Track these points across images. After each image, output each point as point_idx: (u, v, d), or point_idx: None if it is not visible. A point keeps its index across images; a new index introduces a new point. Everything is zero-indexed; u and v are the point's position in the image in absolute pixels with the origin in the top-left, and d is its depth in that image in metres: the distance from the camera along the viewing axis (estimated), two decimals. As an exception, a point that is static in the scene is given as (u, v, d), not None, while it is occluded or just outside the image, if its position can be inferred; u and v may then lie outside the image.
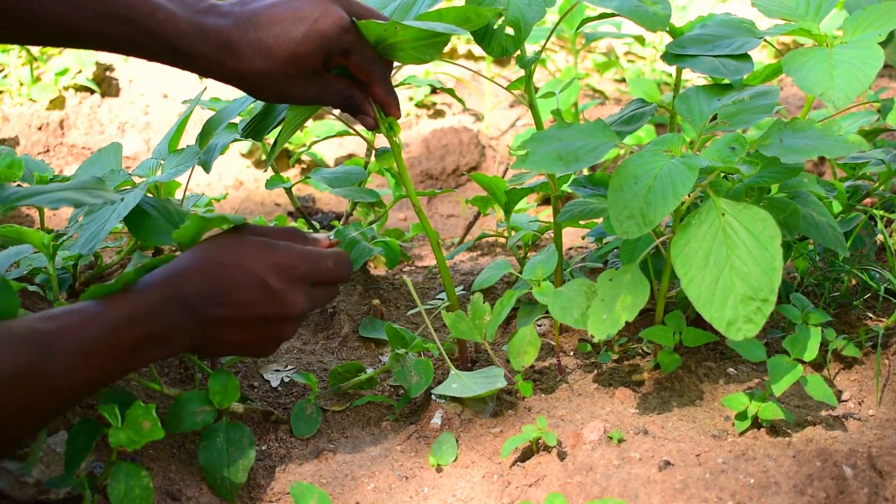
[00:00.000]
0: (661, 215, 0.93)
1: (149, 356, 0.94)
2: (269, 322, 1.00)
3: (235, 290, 0.98)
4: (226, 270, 0.98)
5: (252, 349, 1.02)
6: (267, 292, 0.99)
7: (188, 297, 0.96)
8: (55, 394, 0.86)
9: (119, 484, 0.94)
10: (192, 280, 0.97)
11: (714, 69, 1.12)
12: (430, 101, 2.38)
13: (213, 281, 0.98)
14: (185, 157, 1.18)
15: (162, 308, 0.94)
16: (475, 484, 1.04)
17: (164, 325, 0.94)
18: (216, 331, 0.98)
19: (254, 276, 0.99)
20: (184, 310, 0.96)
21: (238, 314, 0.98)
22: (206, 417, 1.06)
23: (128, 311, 0.92)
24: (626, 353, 1.24)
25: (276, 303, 0.99)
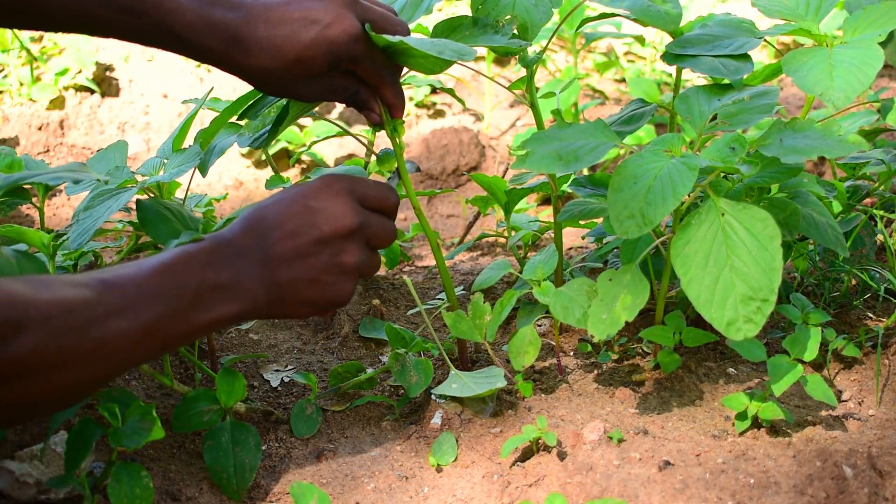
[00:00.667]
0: (661, 215, 0.93)
1: (221, 308, 0.92)
2: (326, 244, 0.97)
3: (282, 223, 0.97)
4: (269, 209, 0.98)
5: (325, 287, 0.98)
6: (312, 212, 0.98)
7: (243, 245, 0.95)
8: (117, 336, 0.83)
9: (119, 484, 0.94)
10: (241, 231, 0.97)
11: (714, 69, 1.12)
12: (430, 101, 2.38)
13: (261, 222, 0.97)
14: (187, 158, 1.18)
15: (221, 258, 0.93)
16: (475, 484, 1.04)
17: (226, 273, 0.93)
18: (280, 271, 0.96)
19: (295, 202, 0.98)
20: (242, 256, 0.94)
21: (293, 245, 0.96)
22: (212, 416, 1.06)
23: (186, 260, 0.91)
24: (626, 353, 1.24)
25: (325, 219, 0.98)
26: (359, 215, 1.00)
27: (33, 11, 0.95)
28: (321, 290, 0.98)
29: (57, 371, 0.80)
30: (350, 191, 1.01)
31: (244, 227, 0.97)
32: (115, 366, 0.85)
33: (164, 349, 0.91)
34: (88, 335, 0.81)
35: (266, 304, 0.96)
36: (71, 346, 0.80)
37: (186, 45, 0.99)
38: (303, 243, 0.97)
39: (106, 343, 0.83)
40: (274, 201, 0.99)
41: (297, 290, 0.97)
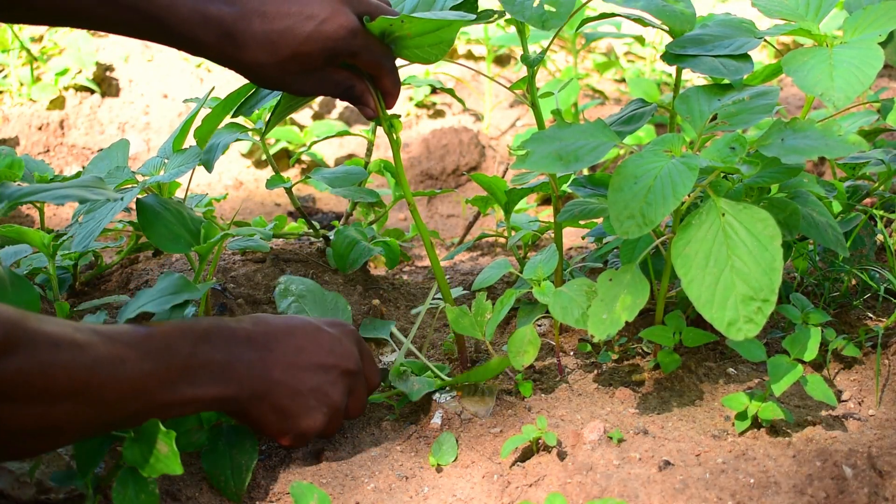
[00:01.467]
0: (661, 215, 0.93)
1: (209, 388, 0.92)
2: (325, 371, 1.00)
3: (293, 333, 1.00)
4: (283, 319, 1.02)
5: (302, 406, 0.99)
6: (325, 338, 1.02)
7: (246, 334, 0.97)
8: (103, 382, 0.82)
9: (125, 489, 0.93)
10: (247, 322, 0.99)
11: (714, 69, 1.12)
12: (430, 101, 2.38)
13: (270, 324, 1.00)
14: (187, 158, 1.18)
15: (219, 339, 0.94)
16: (475, 484, 1.04)
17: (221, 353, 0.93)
18: (273, 369, 0.97)
19: (310, 324, 1.02)
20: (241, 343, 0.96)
21: (294, 354, 0.99)
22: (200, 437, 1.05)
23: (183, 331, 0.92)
24: (626, 353, 1.24)
25: (333, 350, 1.02)
26: (359, 363, 1.05)
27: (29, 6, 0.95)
28: (300, 407, 0.99)
29: (39, 403, 0.78)
30: (358, 341, 1.07)
31: (254, 321, 1.00)
32: (97, 416, 0.84)
33: (146, 415, 0.90)
34: (75, 374, 0.80)
35: (248, 397, 0.96)
36: (56, 379, 0.79)
37: (181, 40, 0.99)
38: (305, 358, 1.00)
39: (90, 387, 0.81)
40: (290, 317, 1.03)
41: (281, 394, 0.98)
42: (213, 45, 0.98)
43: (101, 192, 1.01)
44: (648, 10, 1.12)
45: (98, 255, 1.45)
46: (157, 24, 0.97)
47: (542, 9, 1.06)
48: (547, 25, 1.05)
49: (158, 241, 1.09)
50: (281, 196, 2.11)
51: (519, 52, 2.61)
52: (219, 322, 0.96)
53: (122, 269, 1.46)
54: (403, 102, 2.37)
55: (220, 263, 1.45)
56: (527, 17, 1.06)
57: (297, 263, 1.49)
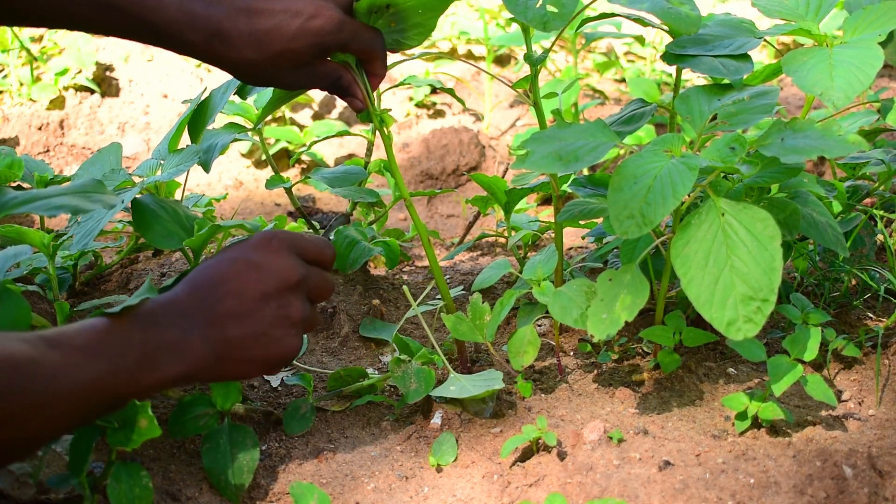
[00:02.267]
0: (661, 215, 0.93)
1: (169, 368, 0.91)
2: (272, 297, 0.97)
3: (226, 280, 0.97)
4: (210, 269, 0.98)
5: (273, 342, 0.98)
6: (255, 268, 0.98)
7: (187, 305, 0.95)
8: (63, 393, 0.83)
9: (119, 484, 0.94)
10: (184, 292, 0.96)
11: (714, 69, 1.12)
12: (430, 101, 2.38)
13: (204, 282, 0.97)
14: (184, 157, 1.18)
15: (166, 318, 0.93)
16: (475, 484, 1.04)
17: (172, 332, 0.92)
18: (227, 328, 0.95)
19: (236, 260, 0.98)
20: (187, 317, 0.94)
21: (238, 301, 0.96)
22: (209, 421, 1.06)
23: (130, 320, 0.91)
24: (626, 353, 1.24)
25: (268, 273, 0.98)
26: (300, 268, 1.00)
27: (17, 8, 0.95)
28: (269, 345, 0.98)
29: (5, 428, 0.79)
30: (290, 246, 1.01)
31: (187, 288, 0.97)
32: (61, 423, 0.85)
33: (114, 407, 0.90)
34: (34, 392, 0.81)
35: (214, 363, 0.95)
36: (16, 402, 0.80)
37: (169, 41, 0.99)
38: (249, 299, 0.96)
39: (51, 401, 0.82)
40: (215, 262, 0.99)
41: (245, 346, 0.96)
42: (202, 45, 0.99)
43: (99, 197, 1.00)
44: (654, 13, 1.12)
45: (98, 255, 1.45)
46: (145, 25, 0.97)
47: (544, 9, 1.05)
48: (548, 27, 1.05)
49: (152, 239, 1.09)
50: (281, 196, 2.11)
51: (519, 53, 2.61)
52: (161, 302, 0.95)
53: (122, 269, 1.46)
54: (403, 102, 2.37)
55: (219, 263, 1.45)
56: (529, 17, 1.06)
57: (297, 263, 1.49)
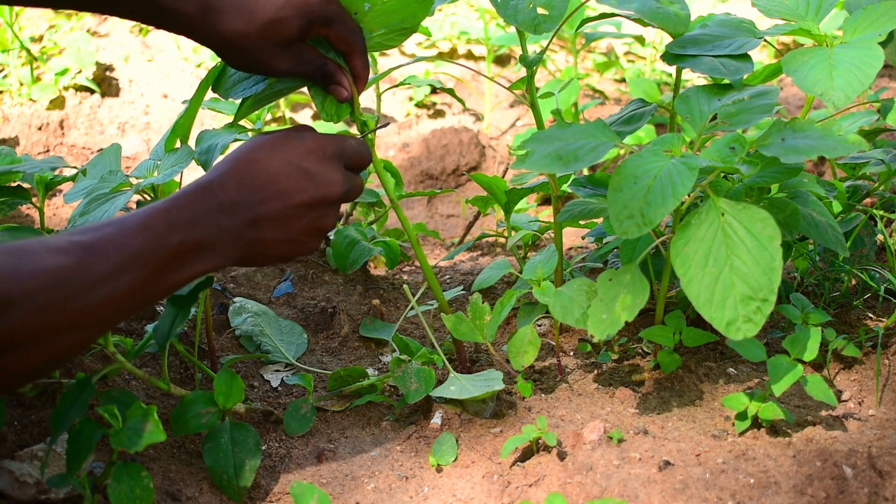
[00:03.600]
0: (661, 215, 0.93)
1: (197, 267, 0.92)
2: (313, 208, 0.99)
3: (275, 181, 0.98)
4: (261, 165, 0.98)
5: (299, 245, 1.00)
6: (307, 176, 0.99)
7: (230, 200, 0.95)
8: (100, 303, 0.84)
9: (119, 484, 0.94)
10: (230, 183, 0.96)
11: (714, 69, 1.12)
12: (430, 101, 2.38)
13: (253, 178, 0.97)
14: (179, 157, 1.18)
15: (204, 215, 0.93)
16: (475, 484, 1.04)
17: (208, 231, 0.93)
18: (263, 230, 0.97)
19: (290, 164, 0.99)
20: (227, 213, 0.95)
21: (283, 206, 0.98)
22: (210, 419, 1.06)
23: (168, 219, 0.91)
24: (626, 353, 1.24)
25: (318, 184, 1.00)
26: (346, 184, 1.02)
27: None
28: (294, 247, 1.00)
29: (43, 343, 0.81)
30: (339, 155, 1.02)
31: (234, 178, 0.97)
32: (98, 330, 0.86)
33: (141, 308, 0.92)
34: (73, 305, 0.82)
35: (239, 259, 0.97)
36: (56, 318, 0.81)
37: (162, 12, 0.99)
38: (292, 205, 0.98)
39: (89, 311, 0.84)
40: (266, 156, 0.99)
41: (274, 247, 0.99)
42: (194, 16, 0.99)
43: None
44: (642, 13, 1.12)
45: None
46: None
47: (534, 12, 1.05)
48: (539, 29, 1.05)
49: None
50: (281, 196, 2.10)
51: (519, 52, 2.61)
52: (202, 192, 0.95)
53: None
54: (403, 102, 2.37)
55: (219, 263, 1.45)
56: (519, 20, 1.06)
57: (297, 263, 1.49)
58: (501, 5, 1.06)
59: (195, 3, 0.99)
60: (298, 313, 1.38)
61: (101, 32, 2.54)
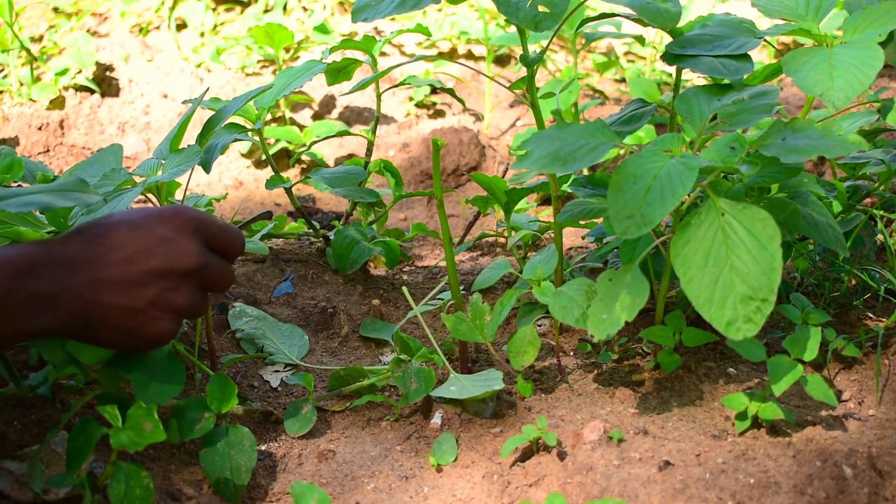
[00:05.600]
0: (661, 215, 0.93)
1: (35, 320, 0.87)
2: (161, 277, 0.93)
3: (121, 243, 0.92)
4: (110, 226, 0.93)
5: (147, 321, 0.93)
6: (157, 242, 0.93)
7: (71, 256, 0.90)
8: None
9: (119, 484, 0.94)
10: (74, 239, 0.92)
11: (714, 69, 1.12)
12: (430, 101, 2.38)
13: (98, 237, 0.92)
14: (185, 157, 1.17)
15: (44, 266, 0.88)
16: (475, 484, 1.04)
17: (45, 283, 0.88)
18: (105, 293, 0.90)
19: (140, 227, 0.93)
20: (68, 268, 0.89)
21: (127, 269, 0.91)
22: (205, 424, 1.05)
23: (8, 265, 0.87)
24: (626, 353, 1.24)
25: (168, 252, 0.93)
26: (202, 257, 0.96)
27: None
28: (142, 323, 0.93)
29: None
30: (198, 228, 0.97)
31: (79, 239, 0.92)
32: None
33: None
34: None
35: (81, 325, 0.91)
36: None
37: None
38: (137, 271, 0.92)
39: None
40: (118, 220, 0.94)
41: (117, 317, 0.92)
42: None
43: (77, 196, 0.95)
44: (633, 8, 1.12)
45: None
46: None
47: (535, 10, 1.05)
48: (540, 27, 1.05)
49: None
50: (281, 196, 2.11)
51: (519, 52, 2.61)
52: (41, 248, 0.90)
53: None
54: (403, 102, 2.37)
55: (219, 263, 1.45)
56: (520, 18, 1.06)
57: (297, 263, 1.49)
58: (502, 3, 1.06)
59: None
60: (298, 313, 1.38)
61: (101, 32, 2.54)
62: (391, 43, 2.55)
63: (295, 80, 1.38)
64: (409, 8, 1.09)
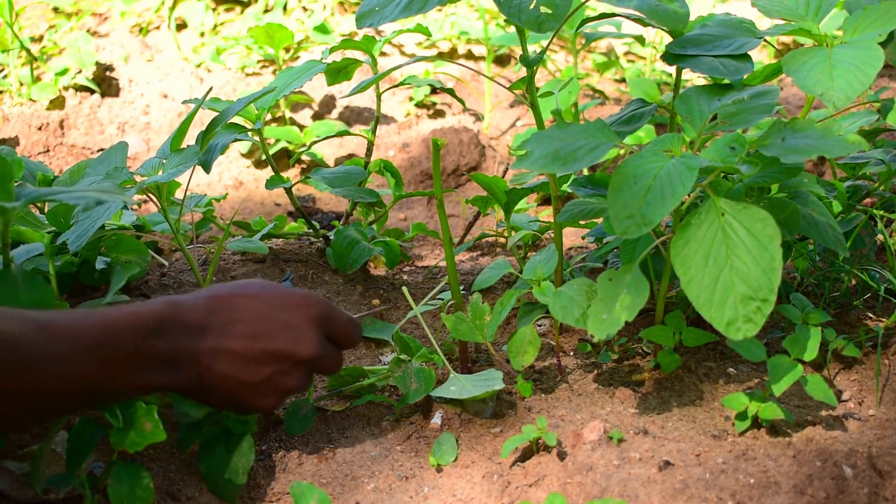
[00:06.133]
0: (661, 215, 0.93)
1: (153, 377, 0.91)
2: (278, 360, 0.97)
3: (248, 320, 0.96)
4: (239, 300, 0.97)
5: (254, 395, 0.98)
6: (282, 326, 0.97)
7: (198, 322, 0.94)
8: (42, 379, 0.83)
9: (120, 485, 0.94)
10: (202, 305, 0.95)
11: (714, 69, 1.12)
12: (430, 101, 2.38)
13: (227, 309, 0.96)
14: (185, 157, 1.18)
15: (169, 328, 0.92)
16: (475, 484, 1.04)
17: (168, 344, 0.92)
18: (223, 362, 0.95)
19: (268, 308, 0.98)
20: (192, 333, 0.94)
21: (248, 345, 0.96)
22: (210, 428, 1.05)
23: (132, 322, 0.90)
24: (626, 353, 1.24)
25: (288, 338, 0.97)
26: (320, 349, 1.00)
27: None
28: (250, 396, 0.98)
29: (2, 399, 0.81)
30: (324, 321, 1.01)
31: (208, 305, 0.96)
32: (42, 410, 0.86)
33: (92, 404, 0.91)
34: (26, 372, 0.82)
35: (195, 386, 0.95)
36: (19, 379, 0.81)
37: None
38: (258, 348, 0.96)
39: (27, 384, 0.83)
40: (249, 294, 0.98)
41: (229, 386, 0.96)
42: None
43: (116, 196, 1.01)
44: (641, 10, 1.12)
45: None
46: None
47: (538, 11, 1.05)
48: (543, 28, 1.05)
49: None
50: (281, 196, 2.11)
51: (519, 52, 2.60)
52: (171, 310, 0.93)
53: (122, 269, 1.46)
54: (403, 102, 2.37)
55: (220, 264, 1.45)
56: (523, 19, 1.06)
57: (297, 263, 1.49)
58: (505, 4, 1.06)
59: None
60: (298, 313, 1.38)
61: (101, 32, 2.54)
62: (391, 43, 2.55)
63: (295, 81, 1.38)
64: (415, 12, 1.09)
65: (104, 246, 1.29)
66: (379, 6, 1.11)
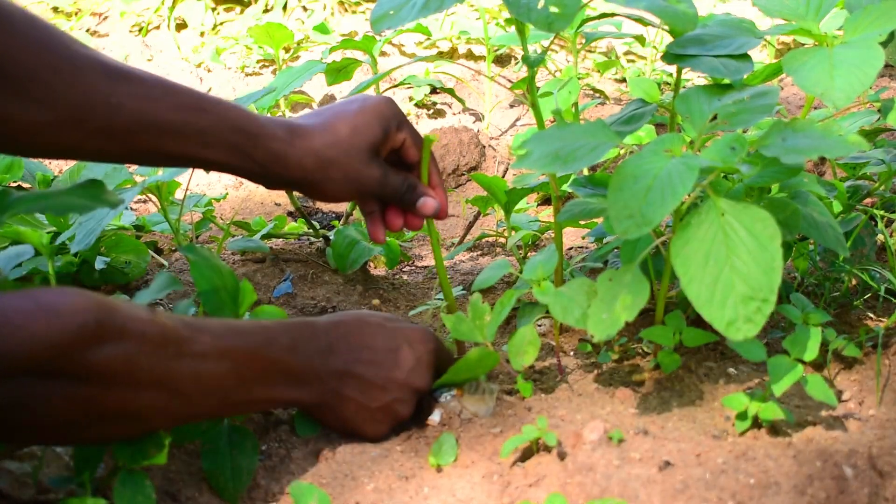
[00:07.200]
0: (661, 215, 0.93)
1: (283, 392, 0.97)
2: (401, 389, 1.05)
3: (379, 349, 1.04)
4: (372, 329, 1.05)
5: (371, 420, 1.06)
6: (409, 359, 1.06)
7: (331, 345, 1.01)
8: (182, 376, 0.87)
9: (125, 490, 0.94)
10: (336, 331, 1.02)
11: (714, 69, 1.12)
12: (430, 101, 2.38)
13: (360, 337, 1.04)
14: (184, 157, 1.17)
15: (304, 346, 0.98)
16: (475, 484, 1.04)
17: (300, 361, 0.98)
18: (348, 386, 1.02)
19: (400, 341, 1.06)
20: (324, 355, 1.00)
21: (375, 373, 1.03)
22: (210, 425, 1.05)
23: (269, 334, 0.95)
24: (626, 353, 1.24)
25: (413, 371, 1.06)
26: (430, 381, 1.10)
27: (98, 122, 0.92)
28: (365, 421, 1.06)
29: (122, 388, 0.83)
30: (437, 358, 1.11)
31: (342, 329, 1.04)
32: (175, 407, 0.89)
33: (221, 411, 0.96)
34: (157, 364, 0.85)
35: (315, 405, 1.03)
36: (139, 368, 0.84)
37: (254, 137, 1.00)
38: (382, 375, 1.05)
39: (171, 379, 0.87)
40: (375, 323, 1.07)
41: (349, 409, 1.05)
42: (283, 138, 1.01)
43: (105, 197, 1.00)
44: (651, 11, 1.12)
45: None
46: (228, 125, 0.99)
47: (547, 10, 1.05)
48: (553, 27, 1.05)
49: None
50: (281, 196, 2.11)
51: (519, 52, 2.60)
52: (303, 328, 1.00)
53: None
54: (403, 102, 2.37)
55: (219, 263, 1.45)
56: (532, 19, 1.06)
57: (297, 263, 1.49)
58: (513, 4, 1.06)
59: (282, 126, 1.01)
60: (298, 313, 1.38)
61: (100, 32, 2.54)
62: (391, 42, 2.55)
63: (295, 80, 1.38)
64: (433, 11, 1.08)
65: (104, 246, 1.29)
66: (394, 9, 1.10)
